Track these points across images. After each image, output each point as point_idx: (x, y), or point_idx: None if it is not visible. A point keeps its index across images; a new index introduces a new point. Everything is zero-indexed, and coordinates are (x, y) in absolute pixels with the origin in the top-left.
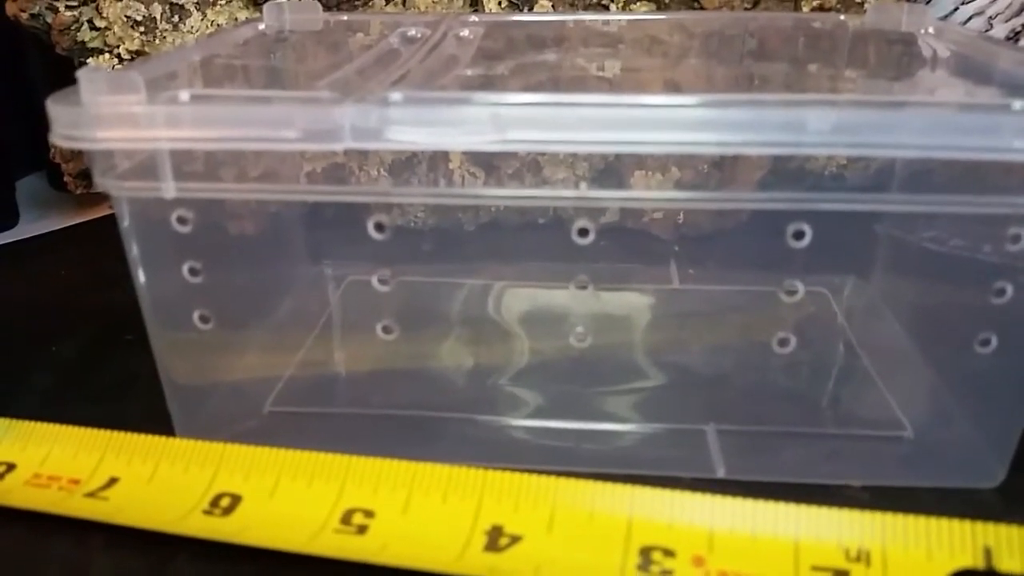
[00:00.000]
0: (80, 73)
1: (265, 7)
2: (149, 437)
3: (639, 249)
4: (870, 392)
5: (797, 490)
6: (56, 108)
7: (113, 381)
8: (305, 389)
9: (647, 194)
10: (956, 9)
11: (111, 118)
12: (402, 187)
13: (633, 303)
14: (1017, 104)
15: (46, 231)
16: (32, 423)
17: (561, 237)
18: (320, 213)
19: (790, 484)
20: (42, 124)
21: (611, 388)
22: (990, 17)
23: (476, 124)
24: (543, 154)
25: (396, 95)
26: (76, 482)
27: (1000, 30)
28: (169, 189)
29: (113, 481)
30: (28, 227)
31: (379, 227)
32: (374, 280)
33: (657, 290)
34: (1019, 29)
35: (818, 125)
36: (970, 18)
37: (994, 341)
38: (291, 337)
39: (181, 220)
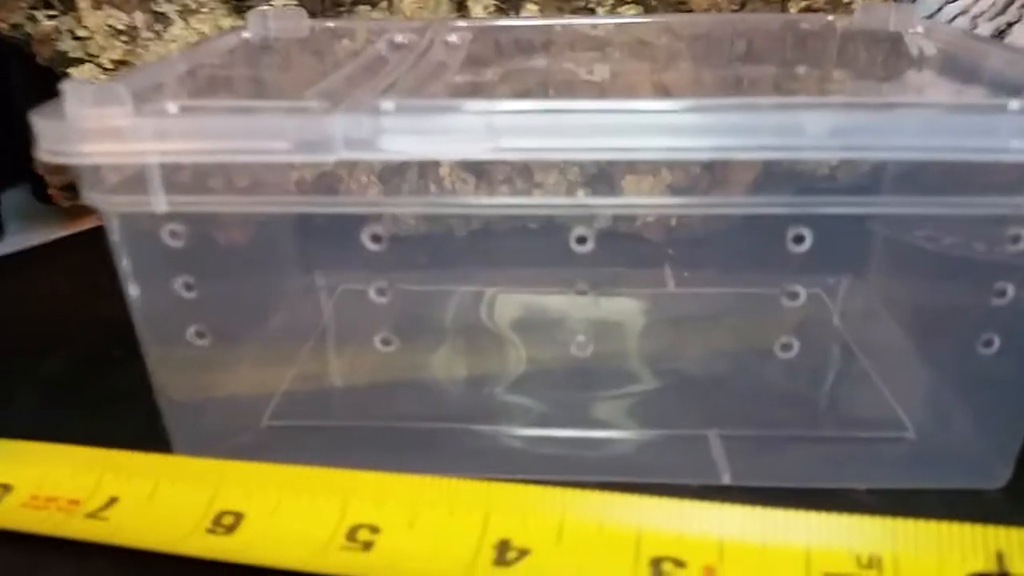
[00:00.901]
0: (64, 86)
1: (249, 15)
2: (148, 455)
3: (632, 253)
4: (871, 393)
5: (802, 495)
6: (41, 123)
7: (106, 397)
8: (302, 402)
9: (643, 200)
10: (940, 9)
11: (98, 132)
12: (393, 196)
13: (630, 308)
14: (1013, 104)
15: (31, 245)
16: (26, 443)
17: (554, 242)
18: (310, 221)
19: (795, 489)
20: (25, 136)
21: (611, 395)
22: (974, 16)
23: (469, 132)
24: None
25: (388, 104)
26: (76, 503)
27: (984, 29)
28: (160, 203)
29: (113, 501)
30: (13, 240)
31: (375, 238)
32: (371, 292)
33: (653, 294)
34: (1003, 28)
35: (815, 128)
36: (954, 17)
37: (997, 342)
38: (286, 349)
39: (173, 234)
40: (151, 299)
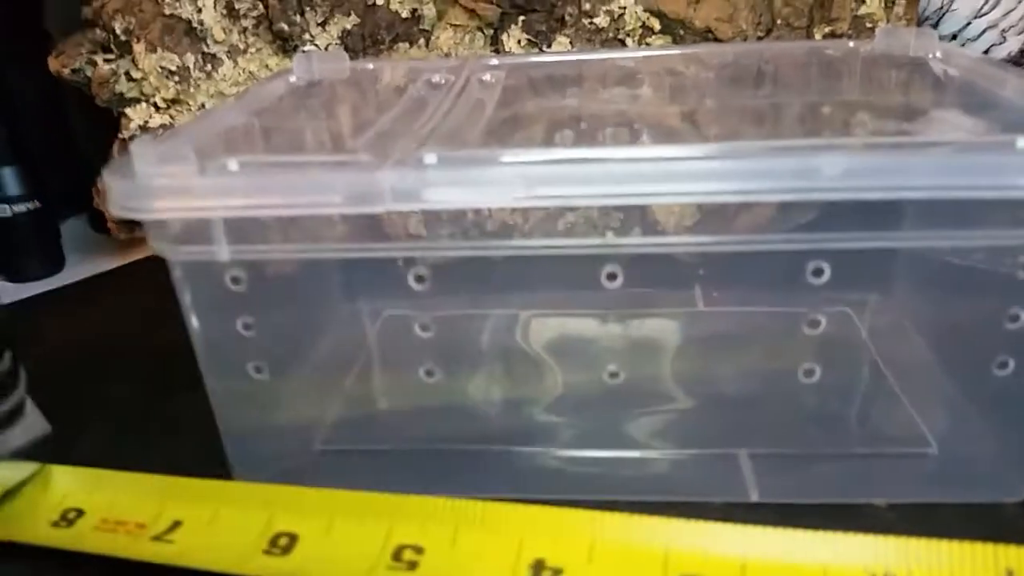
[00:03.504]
0: (133, 146)
1: (295, 58)
2: (208, 481)
3: (663, 274)
4: (896, 410)
5: (826, 510)
6: (112, 180)
7: (169, 424)
8: (350, 427)
9: (672, 239)
10: (969, 24)
11: (166, 190)
12: (434, 238)
13: (661, 329)
14: (1021, 142)
15: (91, 274)
16: (96, 470)
17: (588, 267)
18: None
19: (820, 504)
20: (83, 168)
21: (643, 415)
22: (1003, 30)
23: (506, 183)
24: None
25: (431, 157)
26: (142, 526)
27: (1014, 42)
28: (223, 252)
29: (176, 524)
30: (73, 271)
31: (419, 279)
32: (416, 327)
33: (684, 314)
34: None
35: (830, 171)
36: (983, 31)
37: (1011, 364)
38: (335, 376)
39: (235, 280)
40: (213, 336)
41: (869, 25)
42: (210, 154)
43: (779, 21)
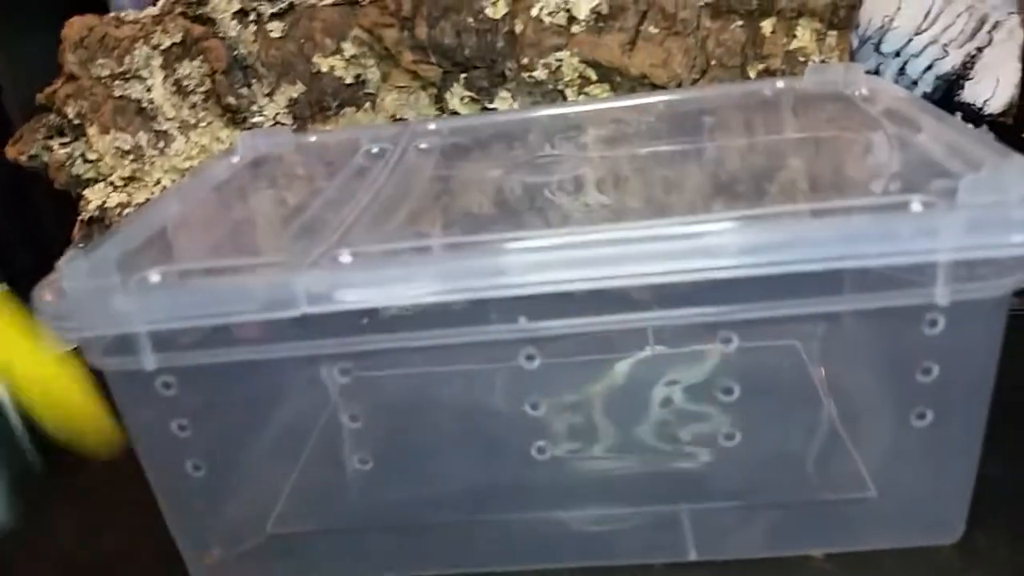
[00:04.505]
0: (61, 263)
1: (239, 137)
2: None
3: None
4: (838, 453)
5: (765, 565)
6: (41, 301)
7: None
8: (304, 506)
9: (564, 323)
10: (910, 40)
11: (89, 309)
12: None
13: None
14: (915, 205)
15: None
16: None
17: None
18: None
19: (758, 560)
20: (51, 248)
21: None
22: (944, 44)
23: (422, 280)
24: None
25: (346, 256)
26: None
27: (956, 56)
28: (149, 362)
29: None
30: None
31: (343, 372)
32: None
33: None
34: (974, 53)
35: (729, 249)
36: (926, 47)
37: (929, 415)
38: (288, 457)
39: (166, 385)
40: (148, 439)
41: (802, 59)
42: (138, 264)
43: (713, 62)
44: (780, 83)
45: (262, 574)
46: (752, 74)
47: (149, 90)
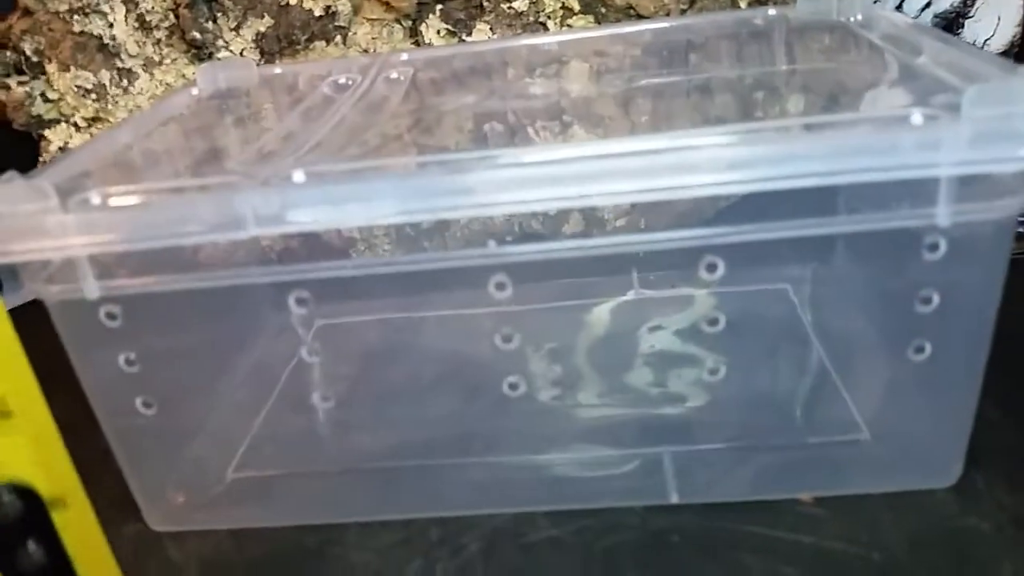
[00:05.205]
0: None
1: (199, 70)
2: None
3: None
4: (830, 394)
5: (750, 508)
6: None
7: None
8: (269, 449)
9: (547, 246)
10: None
11: (26, 230)
12: (324, 261)
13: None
14: (916, 117)
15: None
16: None
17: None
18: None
19: (743, 503)
20: None
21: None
22: None
23: (381, 200)
24: None
25: (299, 175)
26: None
27: None
28: (92, 290)
29: None
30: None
31: (300, 301)
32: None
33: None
34: None
35: (713, 165)
36: None
37: (928, 349)
38: (253, 392)
39: (110, 315)
40: (96, 375)
41: None
42: (78, 189)
43: None
44: (772, 11)
45: (223, 521)
46: (743, 4)
47: (111, 25)
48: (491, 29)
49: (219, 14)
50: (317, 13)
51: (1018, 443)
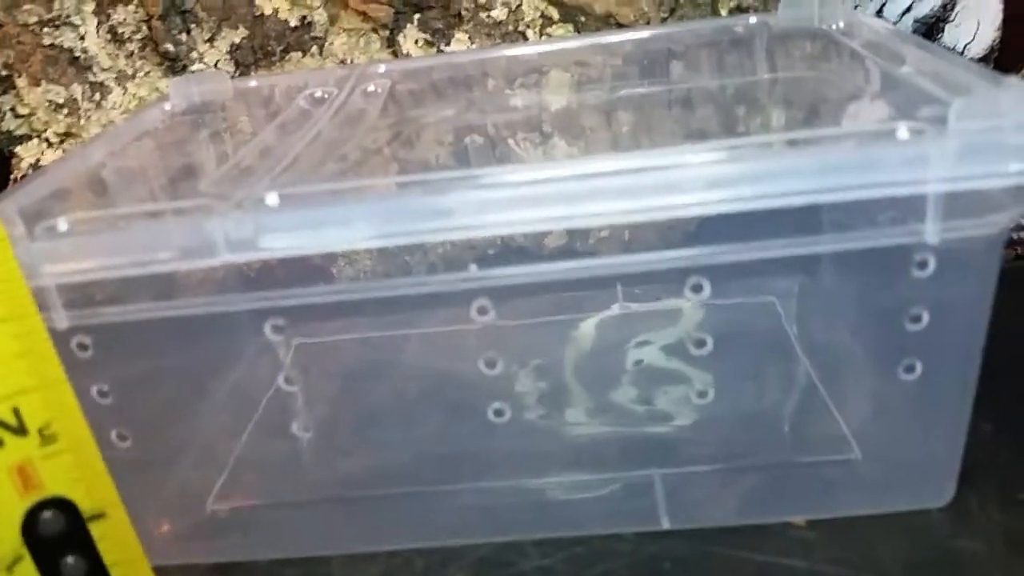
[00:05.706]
0: None
1: (172, 84)
2: None
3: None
4: (819, 412)
5: (742, 533)
6: None
7: None
8: (249, 479)
9: (520, 270)
10: None
11: None
12: (302, 283)
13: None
14: (902, 132)
15: None
16: None
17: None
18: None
19: (735, 528)
20: None
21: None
22: None
23: (358, 223)
24: None
25: (273, 198)
26: None
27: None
28: (61, 320)
29: None
30: None
31: (276, 329)
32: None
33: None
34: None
35: (698, 184)
36: None
37: (919, 368)
38: (232, 422)
39: (81, 346)
40: None
41: None
42: (47, 212)
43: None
44: (753, 19)
45: (203, 555)
46: (724, 11)
47: (82, 38)
48: (470, 39)
49: (193, 25)
50: (293, 24)
51: (1011, 460)
